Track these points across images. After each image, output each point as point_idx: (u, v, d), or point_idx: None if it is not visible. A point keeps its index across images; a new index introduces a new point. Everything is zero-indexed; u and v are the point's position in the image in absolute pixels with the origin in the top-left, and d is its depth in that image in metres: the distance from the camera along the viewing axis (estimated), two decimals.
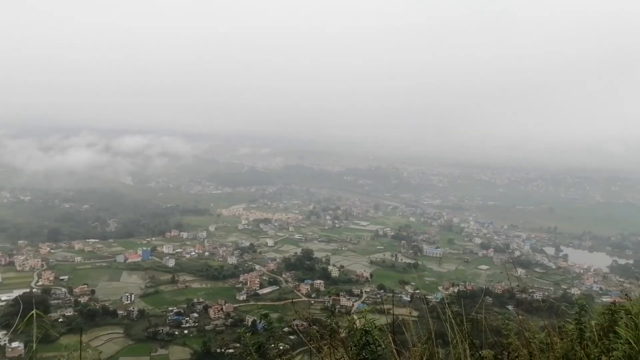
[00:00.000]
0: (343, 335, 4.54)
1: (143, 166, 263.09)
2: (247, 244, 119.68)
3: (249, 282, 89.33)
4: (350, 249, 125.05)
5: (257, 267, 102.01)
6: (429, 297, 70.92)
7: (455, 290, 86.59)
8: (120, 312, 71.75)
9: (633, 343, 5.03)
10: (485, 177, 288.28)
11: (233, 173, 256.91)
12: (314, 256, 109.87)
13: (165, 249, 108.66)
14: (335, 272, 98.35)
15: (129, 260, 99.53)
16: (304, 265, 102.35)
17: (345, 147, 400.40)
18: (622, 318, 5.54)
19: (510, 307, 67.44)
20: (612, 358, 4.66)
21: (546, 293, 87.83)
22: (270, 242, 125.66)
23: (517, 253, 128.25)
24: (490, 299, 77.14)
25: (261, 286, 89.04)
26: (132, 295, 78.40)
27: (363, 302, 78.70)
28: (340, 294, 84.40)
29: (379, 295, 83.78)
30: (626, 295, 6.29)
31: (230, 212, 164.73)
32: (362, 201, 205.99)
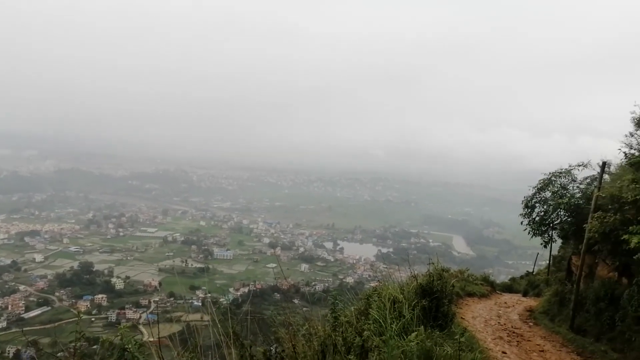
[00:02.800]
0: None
1: None
2: (8, 261, 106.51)
3: (10, 306, 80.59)
4: (136, 258, 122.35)
5: (21, 287, 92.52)
6: (221, 299, 75.37)
7: (246, 290, 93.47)
8: None
9: (381, 322, 6.18)
10: (272, 179, 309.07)
11: None
12: (94, 269, 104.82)
13: None
14: (120, 284, 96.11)
15: None
16: (83, 280, 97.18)
17: (130, 149, 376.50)
18: (375, 301, 6.94)
19: (296, 301, 77.49)
20: (364, 336, 5.30)
21: (326, 284, 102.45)
22: (39, 258, 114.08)
23: (301, 249, 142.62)
24: (278, 295, 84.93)
25: (27, 309, 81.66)
26: None
27: (151, 313, 79.40)
28: (126, 306, 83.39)
29: (168, 304, 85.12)
30: (379, 280, 7.93)
31: None
32: (149, 207, 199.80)
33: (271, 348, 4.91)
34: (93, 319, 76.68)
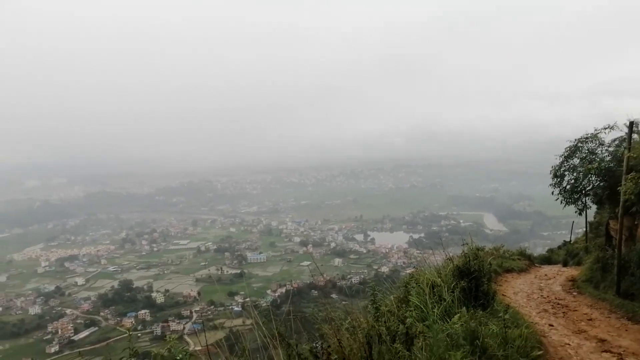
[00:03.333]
0: None
1: None
2: (52, 287, 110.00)
3: (59, 330, 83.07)
4: (173, 270, 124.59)
5: (68, 311, 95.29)
6: (260, 302, 76.26)
7: (284, 290, 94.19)
8: None
9: (422, 307, 6.15)
10: (294, 179, 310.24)
11: (21, 210, 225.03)
12: (134, 286, 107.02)
13: None
14: (160, 298, 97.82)
15: None
16: (124, 298, 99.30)
17: (153, 166, 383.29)
18: (413, 287, 6.86)
19: (334, 296, 77.42)
20: (407, 323, 5.31)
21: (362, 276, 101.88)
22: (80, 281, 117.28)
23: (332, 244, 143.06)
24: (316, 292, 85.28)
25: (76, 331, 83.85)
26: None
27: (195, 322, 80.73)
28: (169, 319, 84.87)
29: (209, 312, 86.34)
30: (414, 268, 7.82)
31: (24, 256, 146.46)
32: (178, 220, 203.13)
33: (317, 345, 4.88)
34: (139, 335, 78.36)
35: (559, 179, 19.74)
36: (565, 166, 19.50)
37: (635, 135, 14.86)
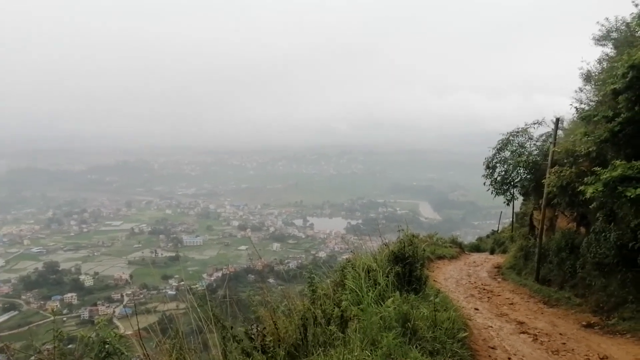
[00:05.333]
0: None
1: None
2: None
3: None
4: (104, 252, 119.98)
5: None
6: (195, 286, 75.54)
7: (220, 274, 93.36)
8: None
9: (358, 291, 6.36)
10: (236, 162, 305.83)
11: None
12: (60, 268, 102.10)
13: None
14: (89, 281, 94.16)
15: None
16: (49, 281, 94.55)
17: (87, 142, 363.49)
18: (349, 272, 7.04)
19: (271, 280, 78.02)
20: (342, 306, 5.45)
21: (300, 261, 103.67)
22: (0, 262, 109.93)
23: (271, 229, 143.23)
24: (253, 276, 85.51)
25: None
26: None
27: (125, 306, 78.47)
28: (98, 302, 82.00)
29: (142, 296, 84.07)
30: (352, 252, 8.01)
31: None
32: (111, 200, 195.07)
33: (252, 327, 4.92)
34: (65, 319, 74.93)
35: (491, 170, 20.72)
36: (497, 158, 20.50)
37: (560, 132, 15.88)
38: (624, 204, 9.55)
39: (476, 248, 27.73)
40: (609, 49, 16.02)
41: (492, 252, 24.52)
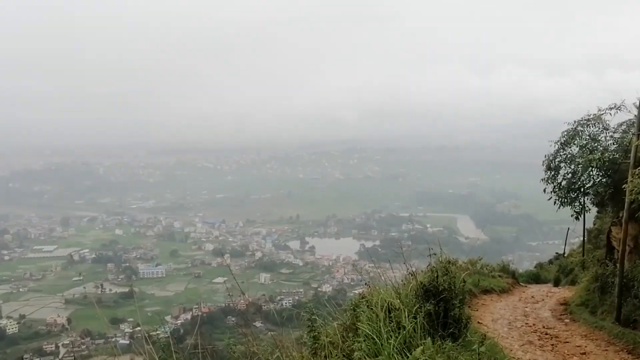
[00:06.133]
0: None
1: None
2: None
3: None
4: (32, 288, 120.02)
5: None
6: (156, 332, 74.94)
7: (189, 316, 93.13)
8: None
9: (375, 337, 6.27)
10: (209, 163, 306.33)
11: None
12: None
13: None
14: (12, 327, 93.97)
15: None
16: None
17: (7, 139, 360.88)
18: (364, 312, 7.02)
19: (258, 323, 77.84)
20: (354, 358, 5.52)
21: (296, 297, 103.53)
22: None
23: (258, 255, 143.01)
24: (233, 319, 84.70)
25: None
26: None
27: None
28: (25, 357, 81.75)
29: (84, 346, 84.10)
30: (366, 284, 7.87)
31: None
32: (42, 216, 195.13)
33: None
34: None
35: (553, 172, 20.47)
36: (561, 155, 20.24)
37: None
38: None
39: (535, 278, 27.66)
40: None
41: (556, 284, 24.43)
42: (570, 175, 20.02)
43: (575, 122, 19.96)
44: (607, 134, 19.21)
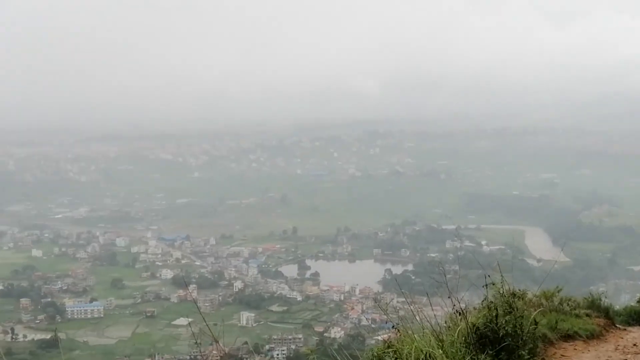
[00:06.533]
0: None
1: None
2: None
3: None
4: None
5: None
6: None
7: None
8: None
9: None
10: (167, 154, 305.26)
11: None
12: None
13: None
14: None
15: None
16: None
17: None
18: None
19: None
20: None
21: (294, 345, 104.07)
22: None
23: (238, 285, 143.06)
24: None
25: None
26: None
27: None
28: None
29: None
30: (394, 327, 8.01)
31: None
32: None
33: None
34: None
35: None
36: None
37: None
38: None
39: (638, 317, 27.54)
40: None
41: None
42: None
43: None
44: None
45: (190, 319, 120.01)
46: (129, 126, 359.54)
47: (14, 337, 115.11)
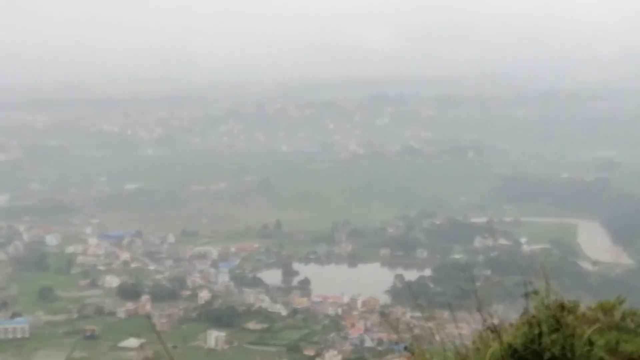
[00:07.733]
0: None
1: None
2: None
3: None
4: None
5: None
6: None
7: None
8: None
9: None
10: (112, 125, 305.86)
11: None
12: None
13: None
14: None
15: None
16: None
17: None
18: None
19: None
20: None
21: None
22: None
23: (204, 296, 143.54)
24: None
25: None
26: None
27: None
28: None
29: None
30: (406, 349, 8.43)
31: None
32: None
33: None
34: None
35: None
36: None
37: None
38: None
39: None
40: None
41: None
42: None
43: None
44: None
45: (142, 340, 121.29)
46: (61, 89, 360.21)
47: None
